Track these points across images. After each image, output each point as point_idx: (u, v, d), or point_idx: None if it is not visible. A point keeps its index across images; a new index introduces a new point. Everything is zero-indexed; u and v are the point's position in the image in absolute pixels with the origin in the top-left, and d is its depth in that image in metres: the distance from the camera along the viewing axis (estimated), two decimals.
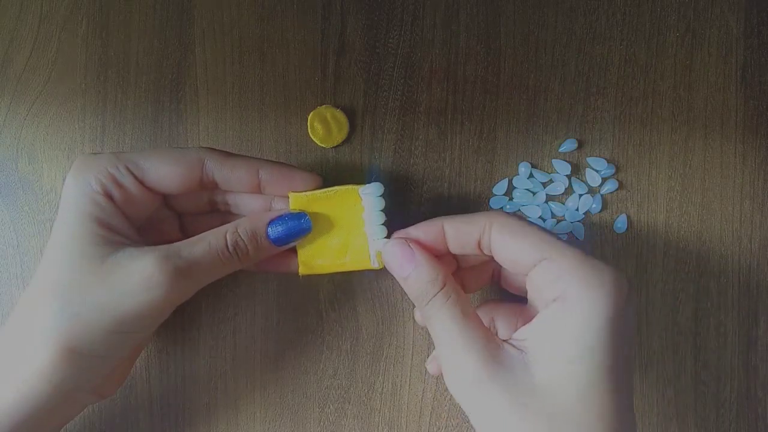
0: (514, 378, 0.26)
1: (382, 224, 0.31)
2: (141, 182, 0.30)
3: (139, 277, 0.27)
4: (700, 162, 0.37)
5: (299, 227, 0.31)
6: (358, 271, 0.33)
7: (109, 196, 0.29)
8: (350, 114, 0.36)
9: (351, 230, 0.32)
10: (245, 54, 0.37)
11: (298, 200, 0.31)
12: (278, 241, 0.31)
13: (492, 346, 0.27)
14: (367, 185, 0.31)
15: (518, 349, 0.27)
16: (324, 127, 0.36)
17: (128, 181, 0.30)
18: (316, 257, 0.32)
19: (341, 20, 0.37)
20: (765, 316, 0.37)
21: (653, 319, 0.37)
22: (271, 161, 0.32)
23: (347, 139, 0.37)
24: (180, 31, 0.36)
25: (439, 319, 0.28)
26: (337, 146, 0.36)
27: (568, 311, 0.26)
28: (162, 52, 0.36)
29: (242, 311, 0.37)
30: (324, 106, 0.36)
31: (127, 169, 0.30)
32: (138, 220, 0.31)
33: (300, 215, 0.31)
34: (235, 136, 0.37)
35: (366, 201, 0.31)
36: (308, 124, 0.36)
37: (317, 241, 0.32)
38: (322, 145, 0.36)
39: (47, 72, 0.36)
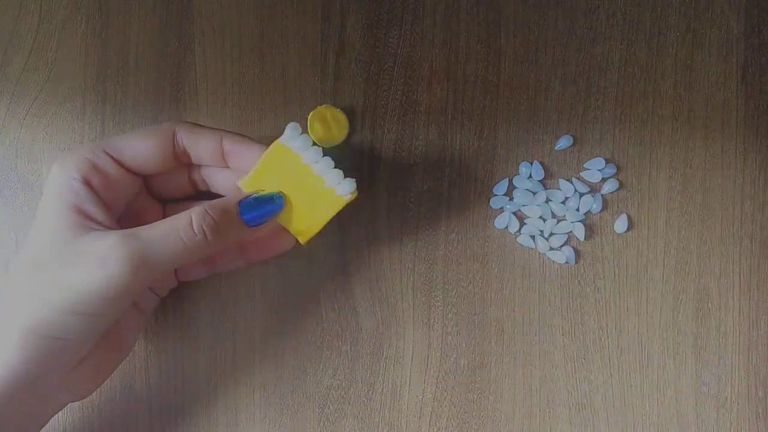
0: None
1: (322, 155, 0.31)
2: (119, 163, 0.30)
3: (95, 256, 0.27)
4: (701, 162, 0.37)
5: (272, 206, 0.31)
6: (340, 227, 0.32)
7: (87, 182, 0.29)
8: (350, 114, 0.36)
9: (308, 181, 0.31)
10: (245, 53, 0.37)
11: (250, 184, 0.31)
12: (251, 221, 0.30)
13: None
14: (285, 134, 0.31)
15: None
16: (324, 127, 0.36)
17: (106, 163, 0.30)
18: (302, 222, 0.32)
19: (341, 20, 0.36)
20: (766, 316, 0.37)
21: (654, 319, 0.37)
22: (234, 132, 0.32)
23: (347, 139, 0.36)
24: (179, 31, 0.36)
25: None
26: (337, 146, 0.36)
27: None
28: (161, 52, 0.36)
29: (242, 311, 0.37)
30: (324, 105, 0.36)
31: (105, 152, 0.30)
32: (119, 206, 0.31)
33: (270, 195, 0.31)
34: None
35: (293, 147, 0.31)
36: (308, 123, 0.36)
37: (288, 207, 0.32)
38: (322, 145, 0.36)
39: (46, 72, 0.36)
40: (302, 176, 0.31)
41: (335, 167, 0.31)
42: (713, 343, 0.37)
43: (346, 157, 0.36)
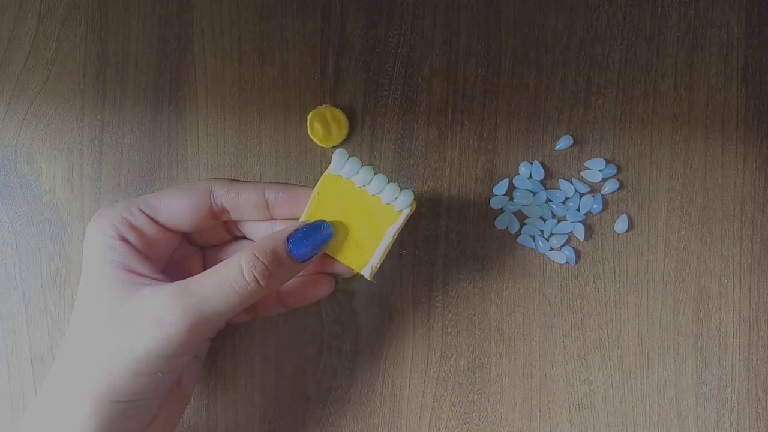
0: None
1: (373, 174, 0.30)
2: (155, 221, 0.30)
3: (152, 316, 0.27)
4: (701, 162, 0.37)
5: (321, 234, 0.29)
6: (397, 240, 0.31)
7: (125, 240, 0.29)
8: (350, 114, 0.36)
9: (365, 204, 0.30)
10: (244, 53, 0.36)
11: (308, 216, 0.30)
12: (302, 257, 0.29)
13: None
14: (333, 163, 0.30)
15: None
16: (324, 127, 0.36)
17: (142, 222, 0.29)
18: (364, 251, 0.30)
19: (341, 19, 0.36)
20: (766, 317, 0.37)
21: (654, 319, 0.37)
22: (276, 182, 0.31)
23: (347, 139, 0.36)
24: (179, 31, 0.36)
25: None
26: (337, 146, 0.36)
27: None
28: (161, 52, 0.36)
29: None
30: (324, 105, 0.36)
31: (140, 210, 0.30)
32: (160, 260, 0.31)
33: (317, 223, 0.30)
34: (234, 136, 0.36)
35: (343, 174, 0.30)
36: (308, 123, 0.36)
37: (350, 239, 0.30)
38: (322, 145, 0.36)
39: (46, 72, 0.36)
40: (358, 201, 0.30)
41: (390, 182, 0.30)
42: (713, 344, 0.37)
43: None
